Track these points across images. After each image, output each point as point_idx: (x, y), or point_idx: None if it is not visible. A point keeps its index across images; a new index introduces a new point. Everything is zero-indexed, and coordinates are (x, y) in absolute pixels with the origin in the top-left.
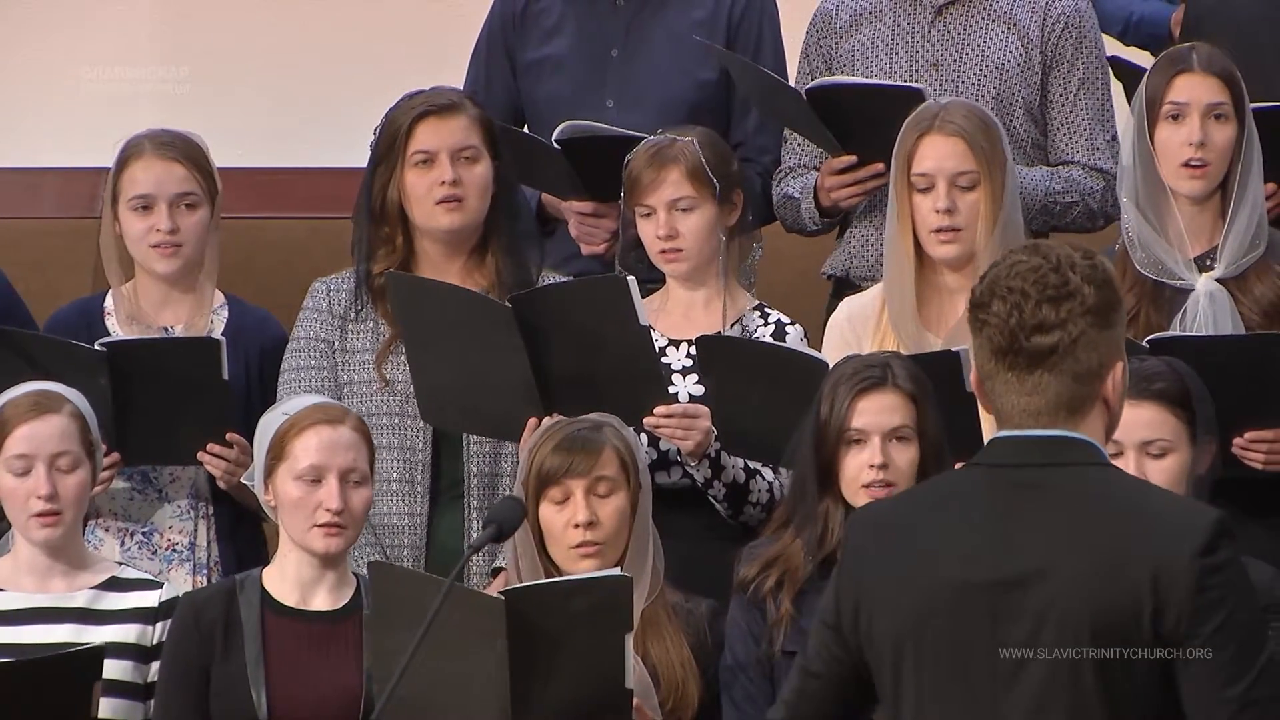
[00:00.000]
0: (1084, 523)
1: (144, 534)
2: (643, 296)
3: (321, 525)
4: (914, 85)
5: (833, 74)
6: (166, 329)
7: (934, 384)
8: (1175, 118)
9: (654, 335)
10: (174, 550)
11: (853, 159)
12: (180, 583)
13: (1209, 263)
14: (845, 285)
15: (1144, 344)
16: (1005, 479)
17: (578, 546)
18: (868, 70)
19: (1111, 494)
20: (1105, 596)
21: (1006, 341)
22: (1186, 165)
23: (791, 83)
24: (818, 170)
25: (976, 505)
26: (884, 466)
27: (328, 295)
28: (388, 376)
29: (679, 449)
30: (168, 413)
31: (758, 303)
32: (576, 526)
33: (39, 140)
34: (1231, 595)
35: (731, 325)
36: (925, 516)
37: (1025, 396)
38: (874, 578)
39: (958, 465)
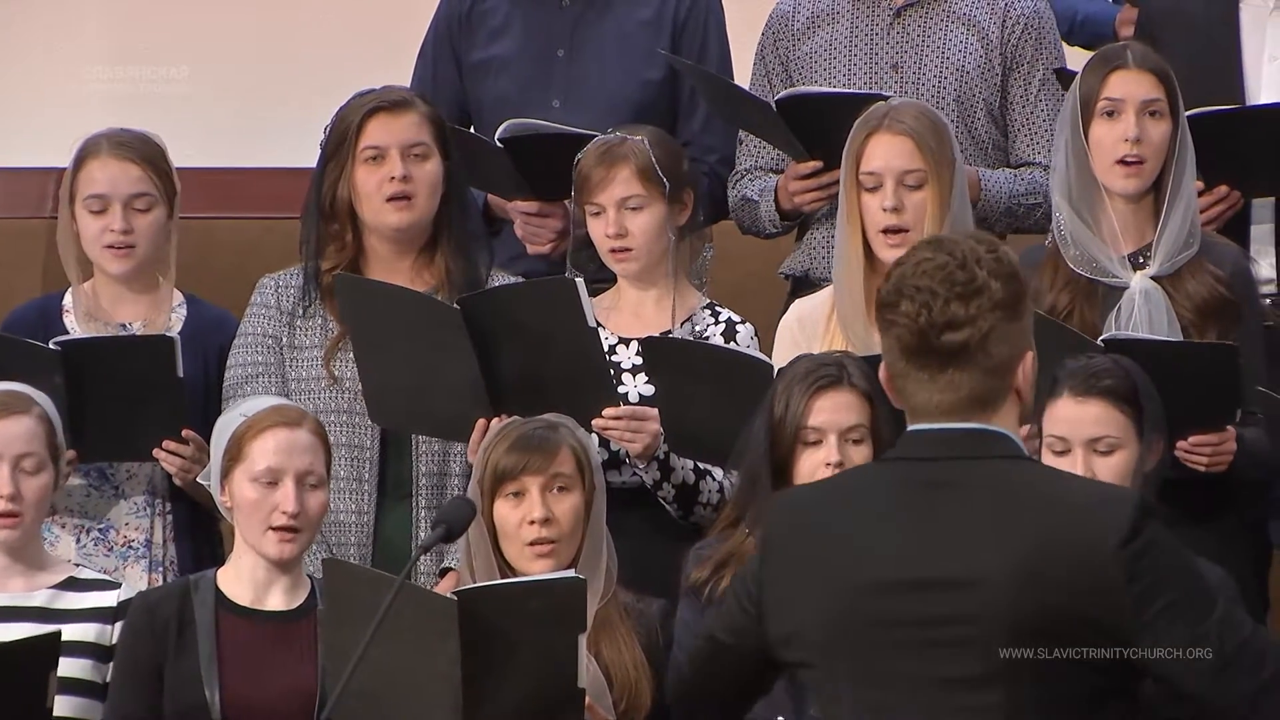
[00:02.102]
0: (1004, 522)
1: (100, 531)
2: (593, 295)
3: (276, 529)
4: (883, 92)
5: (790, 75)
6: (125, 326)
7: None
8: (1110, 114)
9: (604, 334)
10: (130, 547)
11: (818, 164)
12: (136, 580)
13: (1142, 260)
14: (805, 285)
15: (1099, 343)
16: (921, 475)
17: (532, 544)
18: (826, 72)
19: (1029, 489)
20: (1033, 598)
21: (917, 341)
22: (1122, 162)
23: (745, 84)
24: (775, 172)
25: (894, 503)
26: (840, 465)
27: (276, 291)
28: (336, 373)
29: (627, 451)
30: (124, 410)
31: (708, 301)
32: (532, 523)
33: None
34: (1166, 573)
35: (682, 324)
36: (845, 514)
37: (939, 394)
38: (794, 577)
39: None
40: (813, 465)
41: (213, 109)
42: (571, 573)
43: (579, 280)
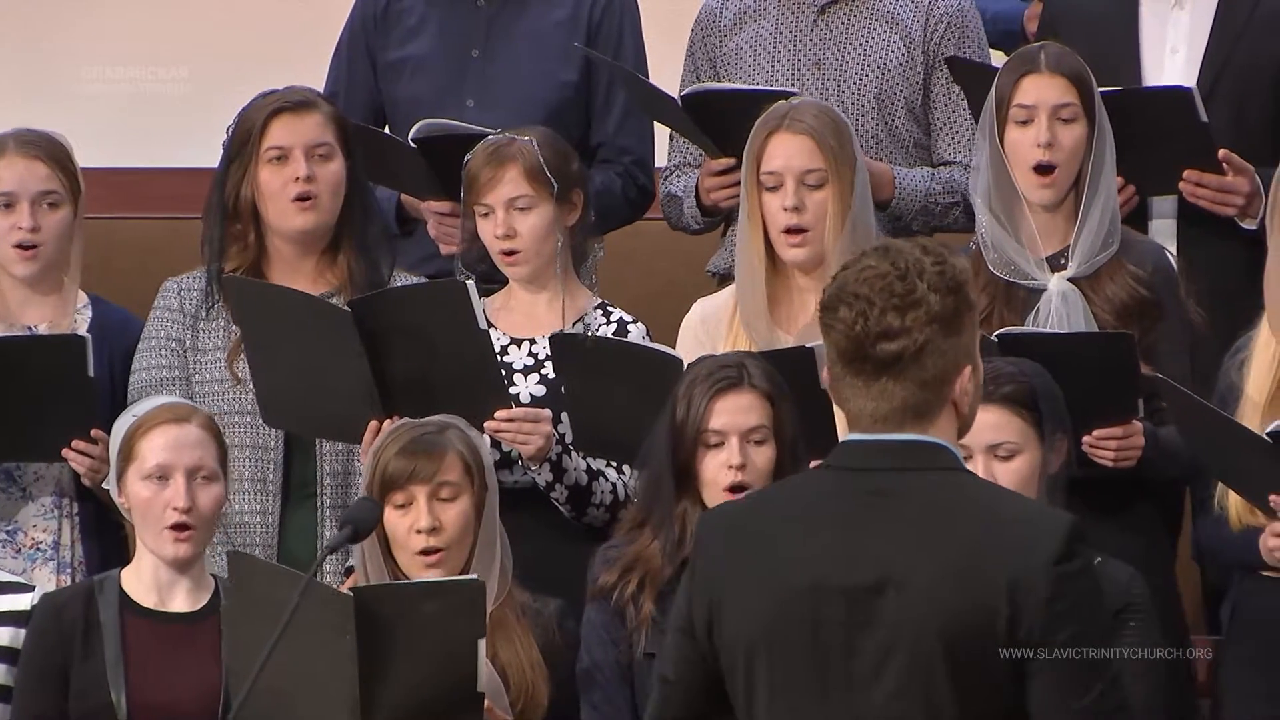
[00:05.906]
0: (937, 530)
1: (8, 532)
2: (484, 296)
3: (171, 527)
4: (787, 89)
5: (717, 71)
6: (30, 328)
7: (788, 380)
8: (1023, 121)
9: (496, 334)
10: (38, 549)
11: (731, 161)
12: (45, 582)
13: (1062, 262)
14: (731, 281)
15: (993, 338)
16: (857, 484)
17: (421, 553)
18: (750, 69)
19: (964, 500)
20: (960, 604)
21: (852, 348)
22: (1036, 169)
23: (679, 80)
24: (699, 168)
25: (829, 511)
26: (742, 467)
27: (179, 294)
28: (239, 375)
29: (520, 453)
30: (32, 410)
31: (600, 301)
32: (419, 532)
33: None
34: (1084, 604)
35: (574, 324)
36: (777, 521)
37: (872, 402)
38: (726, 582)
39: (814, 464)
40: (715, 468)
41: (114, 108)
42: (472, 575)
43: (470, 282)
